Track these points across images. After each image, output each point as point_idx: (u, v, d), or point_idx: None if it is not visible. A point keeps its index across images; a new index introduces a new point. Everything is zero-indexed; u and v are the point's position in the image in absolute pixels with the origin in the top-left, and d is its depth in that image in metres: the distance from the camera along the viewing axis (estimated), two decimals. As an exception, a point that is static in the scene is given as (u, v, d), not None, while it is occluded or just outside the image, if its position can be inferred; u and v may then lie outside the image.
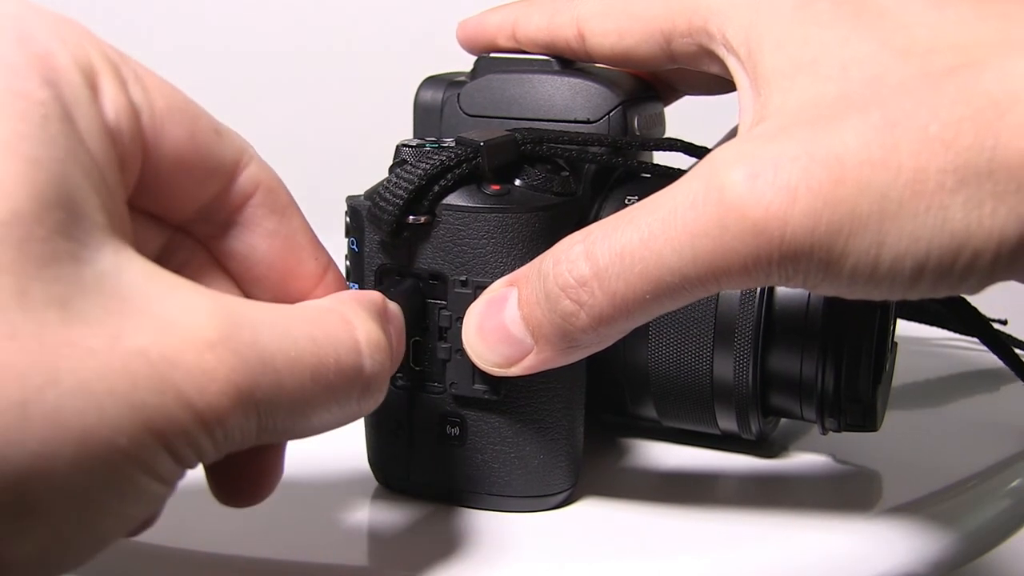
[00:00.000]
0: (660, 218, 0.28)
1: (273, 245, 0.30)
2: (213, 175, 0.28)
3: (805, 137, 0.26)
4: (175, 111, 0.26)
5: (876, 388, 0.37)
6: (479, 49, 0.41)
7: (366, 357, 0.27)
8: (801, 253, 0.26)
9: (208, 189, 0.29)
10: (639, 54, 0.36)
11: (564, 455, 0.37)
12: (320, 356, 0.25)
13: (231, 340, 0.23)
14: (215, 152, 0.28)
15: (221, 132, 0.28)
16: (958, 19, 0.27)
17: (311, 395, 0.25)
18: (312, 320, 0.26)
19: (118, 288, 0.22)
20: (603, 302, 0.29)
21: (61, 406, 0.20)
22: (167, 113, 0.26)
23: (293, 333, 0.25)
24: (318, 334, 0.26)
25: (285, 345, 0.24)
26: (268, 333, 0.24)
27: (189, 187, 0.28)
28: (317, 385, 0.25)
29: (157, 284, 0.23)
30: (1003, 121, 0.24)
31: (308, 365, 0.25)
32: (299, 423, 0.25)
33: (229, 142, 0.29)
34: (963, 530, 0.37)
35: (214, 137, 0.28)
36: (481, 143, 0.34)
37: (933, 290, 0.26)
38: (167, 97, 0.26)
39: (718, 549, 0.35)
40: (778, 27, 0.30)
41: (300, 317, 0.26)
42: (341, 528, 0.36)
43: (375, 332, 0.27)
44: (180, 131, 0.27)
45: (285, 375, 0.24)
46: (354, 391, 0.27)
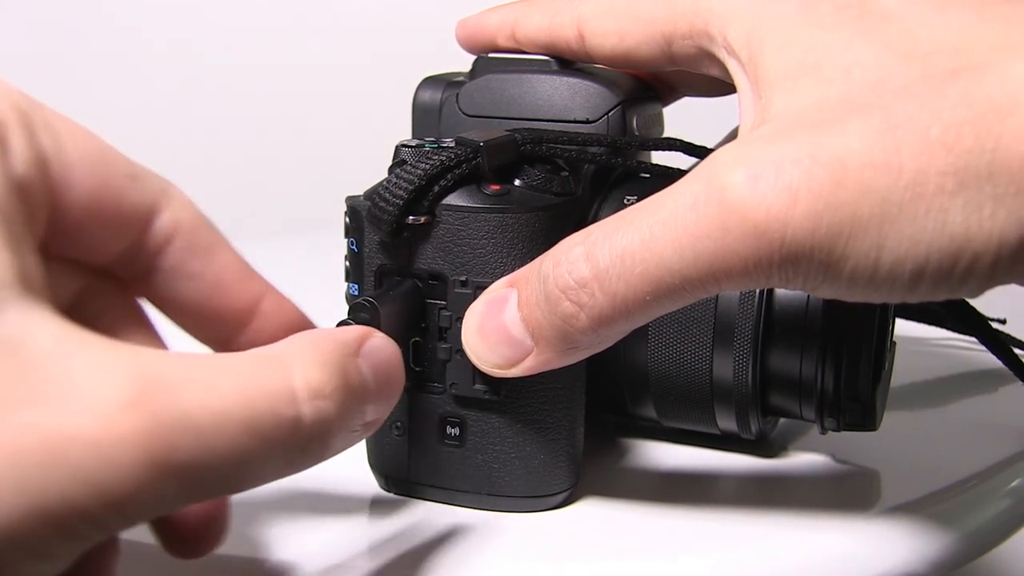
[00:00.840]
0: (661, 219, 0.28)
1: (198, 287, 0.29)
2: (128, 221, 0.28)
3: (807, 139, 0.26)
4: (86, 159, 0.26)
5: (875, 387, 0.37)
6: (478, 49, 0.41)
7: (304, 405, 0.24)
8: (801, 255, 0.26)
9: (124, 235, 0.28)
10: (639, 55, 0.36)
11: (564, 455, 0.37)
12: (252, 409, 0.23)
13: (144, 402, 0.21)
14: (130, 198, 0.27)
15: (137, 177, 0.28)
16: (960, 22, 0.27)
17: (245, 451, 0.23)
18: (245, 370, 0.24)
19: (21, 352, 0.21)
20: (603, 303, 0.29)
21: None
22: (78, 162, 0.26)
23: (220, 386, 0.23)
24: (251, 385, 0.24)
25: (210, 400, 0.23)
26: (190, 390, 0.22)
27: (104, 234, 0.27)
28: (252, 440, 0.23)
29: (65, 345, 0.22)
30: (1004, 124, 0.24)
31: (238, 421, 0.23)
32: (235, 480, 0.24)
33: (145, 187, 0.28)
34: (963, 530, 0.37)
35: (128, 183, 0.27)
36: (481, 143, 0.34)
37: (933, 293, 0.26)
38: (79, 145, 0.26)
39: (718, 549, 0.35)
40: (780, 30, 0.30)
41: (231, 368, 0.24)
42: (341, 528, 0.36)
43: (317, 375, 0.25)
44: (91, 179, 0.26)
45: (210, 433, 0.22)
46: (292, 442, 0.24)
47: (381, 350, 0.28)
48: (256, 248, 0.35)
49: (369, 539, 0.35)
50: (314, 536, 0.35)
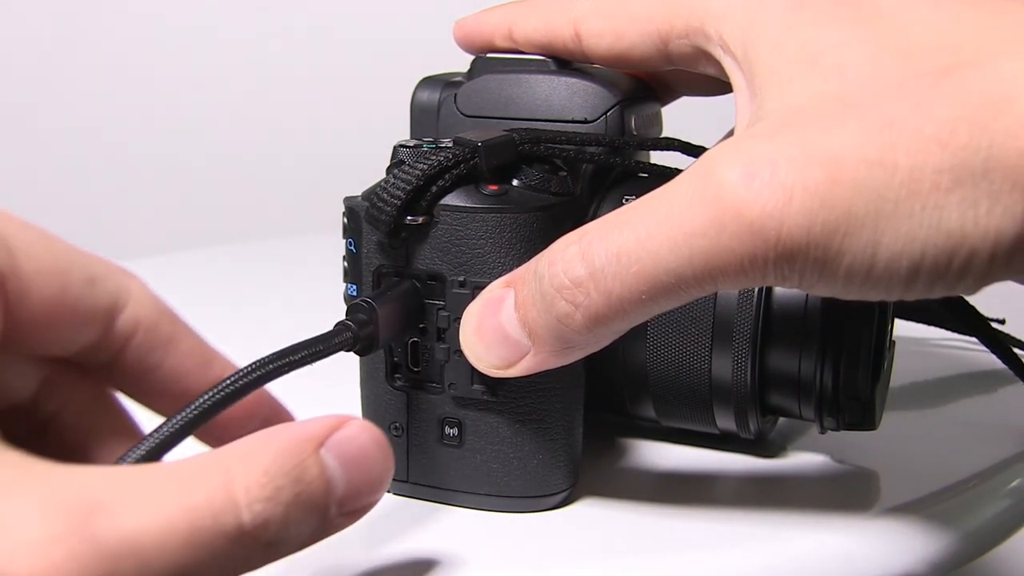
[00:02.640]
0: (657, 218, 0.28)
1: (160, 376, 0.30)
2: (86, 324, 0.28)
3: (802, 137, 0.26)
4: (43, 271, 0.26)
5: (874, 386, 0.37)
6: (476, 49, 0.41)
7: (243, 509, 0.24)
8: (797, 253, 0.26)
9: (82, 337, 0.28)
10: (636, 55, 0.36)
11: (563, 455, 0.37)
12: (194, 522, 0.23)
13: (80, 533, 0.21)
14: (87, 303, 0.28)
15: (95, 280, 0.28)
16: (956, 18, 0.27)
17: (190, 564, 0.23)
18: (185, 483, 0.23)
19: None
20: (599, 303, 0.29)
21: None
22: (34, 275, 0.26)
23: (163, 503, 0.23)
24: (192, 497, 0.23)
25: (149, 519, 0.22)
26: (128, 510, 0.22)
27: (62, 337, 0.28)
28: (196, 552, 0.23)
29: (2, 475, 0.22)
30: (998, 121, 0.24)
31: (181, 536, 0.22)
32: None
33: (104, 288, 0.28)
34: (963, 530, 0.37)
35: (86, 289, 0.28)
36: (479, 143, 0.34)
37: (929, 290, 0.26)
38: (35, 258, 0.26)
39: (717, 549, 0.35)
40: (775, 28, 0.30)
41: (171, 481, 0.23)
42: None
43: (259, 478, 0.24)
44: (49, 290, 0.26)
45: (152, 552, 0.22)
46: (236, 548, 0.24)
47: (351, 440, 0.27)
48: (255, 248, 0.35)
49: (367, 539, 0.35)
50: (313, 536, 0.35)
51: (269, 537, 0.24)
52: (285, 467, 0.25)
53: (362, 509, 0.27)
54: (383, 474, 0.27)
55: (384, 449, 0.27)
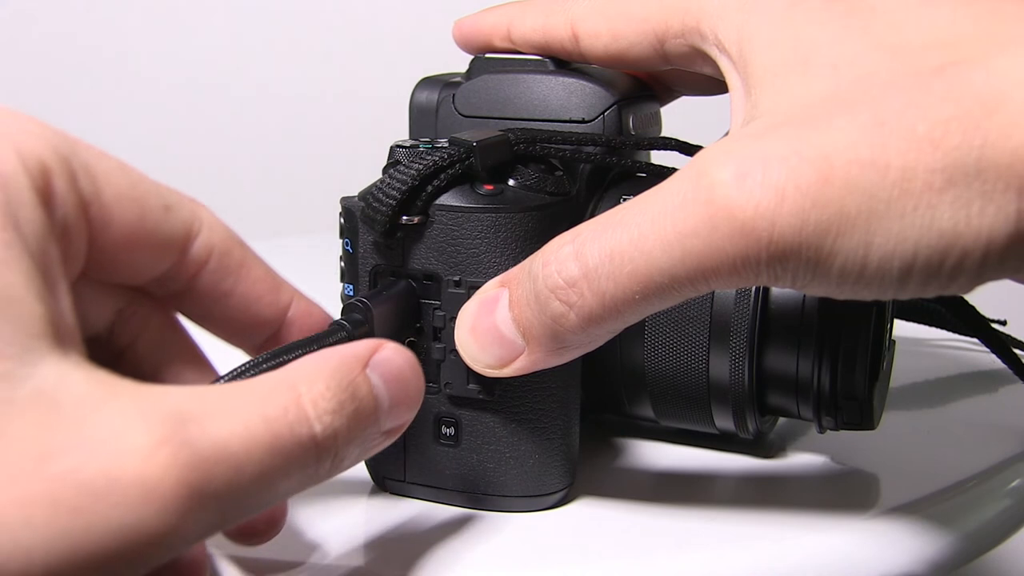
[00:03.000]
0: (650, 218, 0.28)
1: (231, 303, 0.31)
2: (164, 251, 0.29)
3: (794, 136, 0.26)
4: (123, 197, 0.27)
5: (873, 386, 0.37)
6: (475, 49, 0.41)
7: (314, 421, 0.26)
8: (789, 253, 0.26)
9: (160, 263, 0.29)
10: (633, 55, 0.36)
11: (560, 455, 0.37)
12: (274, 431, 0.24)
13: (178, 439, 0.22)
14: (164, 229, 0.28)
15: (171, 207, 0.29)
16: (949, 17, 0.27)
17: (271, 472, 0.24)
18: (263, 395, 0.25)
19: (55, 404, 0.22)
20: (592, 303, 0.29)
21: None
22: (115, 201, 0.26)
23: (244, 414, 0.24)
24: (268, 409, 0.25)
25: (238, 429, 0.24)
26: (219, 421, 0.24)
27: (140, 263, 0.29)
28: (276, 459, 0.24)
29: (97, 393, 0.23)
30: (991, 120, 0.24)
31: (263, 444, 0.24)
32: (264, 500, 0.25)
33: (179, 215, 0.29)
34: (963, 530, 0.37)
35: (163, 214, 0.28)
36: (474, 143, 0.34)
37: (922, 290, 0.26)
38: (115, 184, 0.27)
39: (715, 549, 0.35)
40: (769, 27, 0.30)
41: (250, 394, 0.25)
42: (338, 529, 0.36)
43: (324, 392, 0.26)
44: (128, 216, 0.27)
45: (243, 459, 0.24)
46: (310, 457, 0.26)
47: (390, 360, 0.29)
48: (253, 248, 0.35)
49: (365, 539, 0.35)
50: (310, 536, 0.35)
51: (336, 449, 0.26)
52: (342, 383, 0.27)
53: (399, 428, 0.29)
54: (417, 393, 0.29)
55: (417, 370, 0.29)
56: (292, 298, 0.33)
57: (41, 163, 0.24)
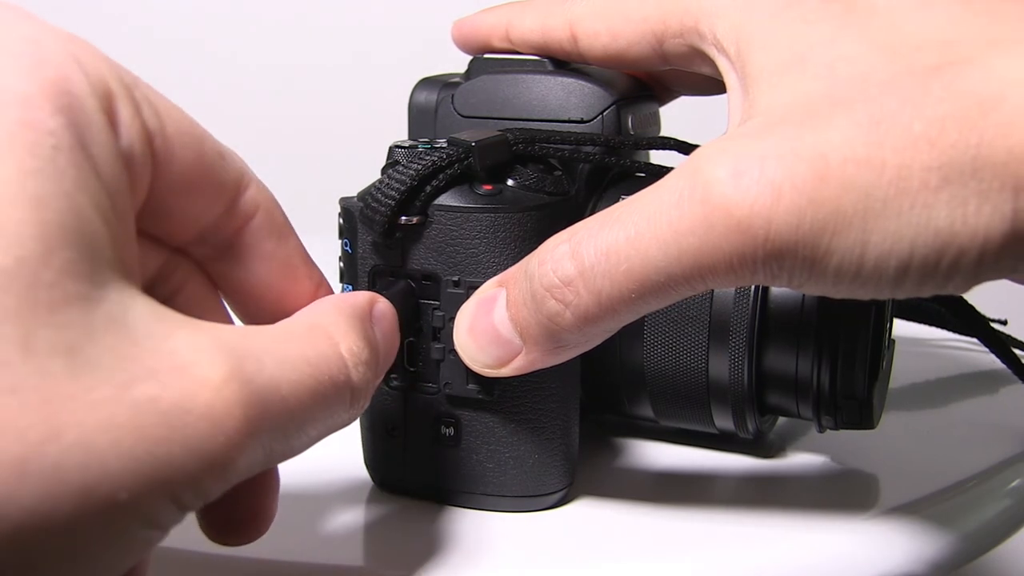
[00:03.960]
0: (646, 216, 0.28)
1: (270, 267, 0.31)
2: (217, 197, 0.29)
3: (790, 135, 0.26)
4: (184, 134, 0.27)
5: (872, 385, 0.37)
6: (473, 49, 0.41)
7: (352, 369, 0.27)
8: (786, 251, 0.26)
9: (211, 211, 0.29)
10: (631, 55, 0.36)
11: (559, 455, 0.37)
12: (316, 376, 0.26)
13: (240, 376, 0.23)
14: (219, 174, 0.28)
15: (224, 155, 0.28)
16: (946, 17, 0.27)
17: (311, 413, 0.26)
18: (303, 340, 0.26)
19: (128, 330, 0.22)
20: (588, 301, 0.29)
21: (61, 462, 0.20)
22: (176, 136, 0.26)
23: (291, 357, 0.25)
24: (310, 354, 0.26)
25: (287, 371, 0.25)
26: (271, 362, 0.24)
27: (193, 209, 0.28)
28: (316, 403, 0.26)
29: (163, 324, 0.23)
30: (987, 119, 0.24)
31: (308, 387, 0.25)
32: (300, 441, 0.26)
33: (232, 165, 0.29)
34: (963, 530, 0.37)
35: (219, 160, 0.28)
36: (473, 143, 0.34)
37: (919, 289, 0.26)
38: (176, 120, 0.26)
39: (715, 550, 0.35)
40: (767, 26, 0.30)
41: (292, 339, 0.26)
42: (337, 529, 0.36)
43: (357, 343, 0.28)
44: (188, 153, 0.27)
45: (291, 400, 0.25)
46: (344, 403, 0.27)
47: (386, 315, 0.31)
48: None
49: (365, 539, 0.35)
50: (310, 536, 0.35)
51: (364, 393, 0.28)
52: (367, 335, 0.29)
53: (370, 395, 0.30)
54: (396, 349, 0.31)
55: (397, 325, 0.31)
56: (322, 277, 0.32)
57: (107, 87, 0.24)
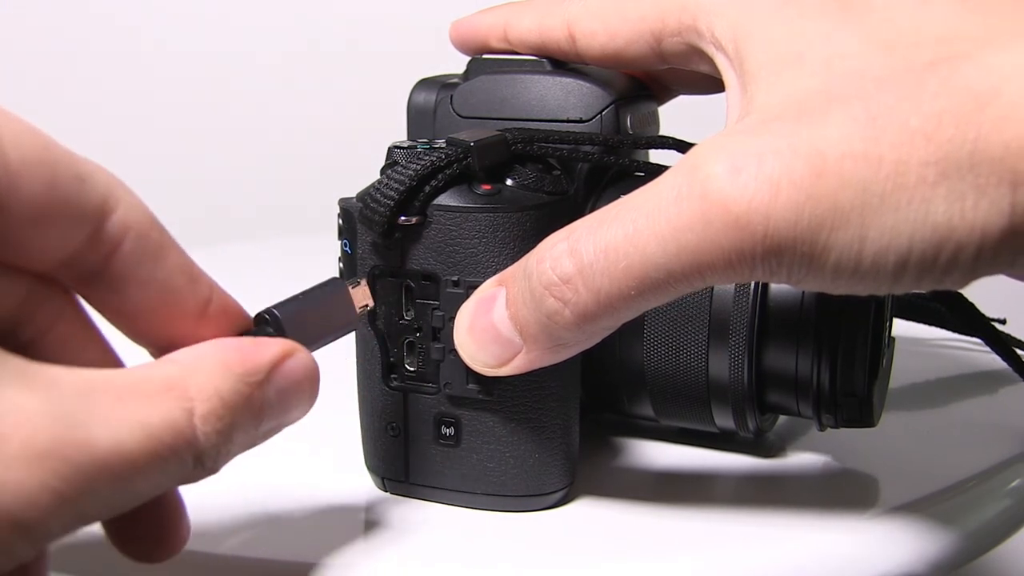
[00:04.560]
0: (644, 213, 0.28)
1: (147, 292, 0.28)
2: (75, 225, 0.26)
3: (787, 131, 0.26)
4: (31, 163, 0.25)
5: (872, 382, 0.37)
6: (471, 50, 0.41)
7: (200, 433, 0.26)
8: (784, 247, 0.26)
9: (71, 240, 0.26)
10: (629, 54, 0.36)
11: (560, 454, 0.37)
12: (153, 444, 0.24)
13: (62, 451, 0.22)
14: (77, 201, 0.26)
15: (84, 177, 0.26)
16: (943, 13, 0.27)
17: (149, 475, 0.25)
18: (150, 401, 0.25)
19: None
20: (587, 299, 0.29)
21: None
22: (22, 166, 0.24)
23: (128, 422, 0.24)
24: (153, 419, 0.25)
25: (121, 436, 0.24)
26: (103, 429, 0.23)
27: (49, 239, 0.26)
28: (149, 467, 0.24)
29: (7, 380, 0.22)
30: (984, 114, 0.24)
31: (141, 453, 0.24)
32: (137, 499, 0.25)
33: (94, 188, 0.26)
34: (963, 530, 0.37)
35: (76, 184, 0.26)
36: (472, 143, 0.34)
37: (917, 284, 0.26)
38: (22, 147, 0.24)
39: (716, 549, 0.35)
40: (764, 23, 0.30)
41: (138, 398, 0.25)
42: (338, 529, 0.36)
43: (216, 409, 0.26)
44: (36, 184, 0.25)
45: (118, 468, 0.24)
46: (187, 465, 0.26)
47: (292, 372, 0.29)
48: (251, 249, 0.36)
49: (366, 540, 0.35)
50: (311, 537, 0.35)
51: (214, 454, 0.26)
52: (238, 395, 0.27)
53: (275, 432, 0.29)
54: (304, 406, 0.29)
55: (314, 385, 0.29)
56: (211, 292, 0.30)
57: None
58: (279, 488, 0.38)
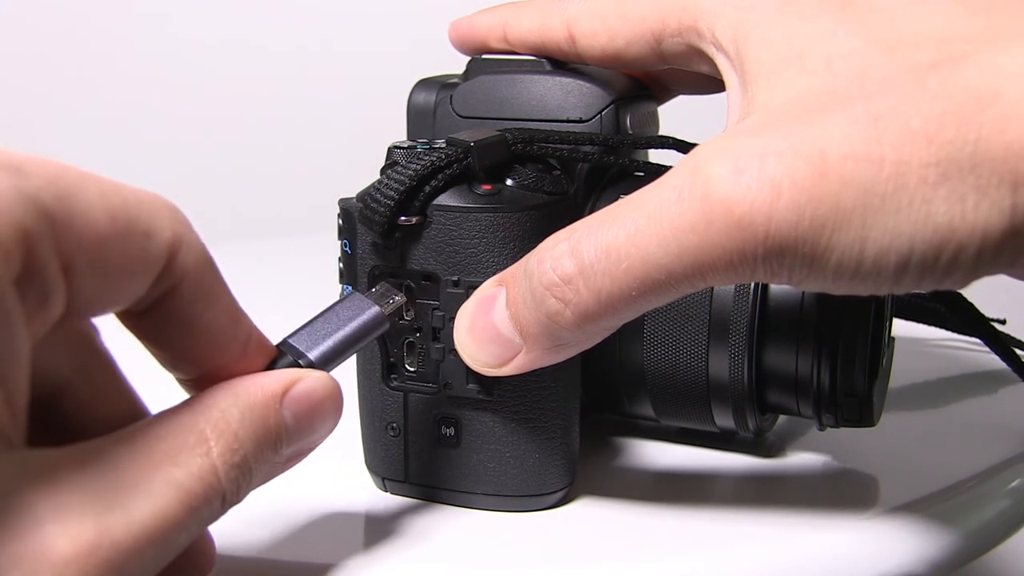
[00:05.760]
0: (646, 214, 0.28)
1: (194, 331, 0.28)
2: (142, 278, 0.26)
3: (789, 131, 0.26)
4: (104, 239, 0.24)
5: (872, 383, 0.37)
6: (470, 50, 0.41)
7: (224, 481, 0.26)
8: (786, 248, 0.26)
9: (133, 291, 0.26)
10: (630, 55, 0.36)
11: (560, 454, 0.37)
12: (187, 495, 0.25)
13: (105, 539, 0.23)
14: (144, 260, 0.26)
15: (151, 234, 0.26)
16: (944, 13, 0.27)
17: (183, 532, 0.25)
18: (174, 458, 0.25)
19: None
20: (588, 299, 0.29)
21: None
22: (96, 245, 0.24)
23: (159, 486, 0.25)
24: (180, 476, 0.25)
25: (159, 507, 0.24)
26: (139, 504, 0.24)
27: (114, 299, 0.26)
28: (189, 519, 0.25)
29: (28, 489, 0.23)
30: (984, 115, 0.24)
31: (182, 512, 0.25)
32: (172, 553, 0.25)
33: (159, 241, 0.26)
34: (963, 530, 0.37)
35: (144, 243, 0.26)
36: (472, 143, 0.34)
37: (918, 284, 0.26)
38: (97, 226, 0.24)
39: (716, 549, 0.35)
40: (765, 23, 0.30)
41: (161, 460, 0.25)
42: (338, 529, 0.36)
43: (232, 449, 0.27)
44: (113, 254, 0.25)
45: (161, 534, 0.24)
46: (216, 508, 0.26)
47: (309, 395, 0.29)
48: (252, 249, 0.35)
49: (366, 540, 0.35)
50: (312, 537, 0.35)
51: (235, 493, 0.27)
52: (253, 429, 0.27)
53: (302, 455, 0.30)
54: (325, 427, 0.30)
55: (335, 401, 0.30)
56: (251, 331, 0.30)
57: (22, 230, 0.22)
58: (279, 488, 0.38)
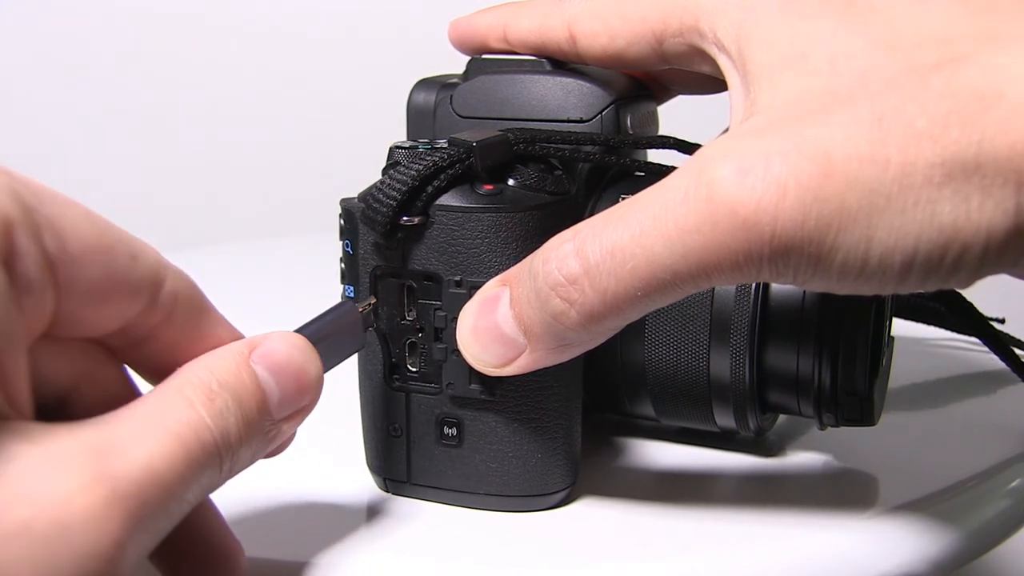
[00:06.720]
0: (651, 215, 0.28)
1: (188, 350, 0.30)
2: (131, 301, 0.28)
3: (794, 132, 0.26)
4: (89, 250, 0.26)
5: (873, 382, 0.37)
6: (470, 50, 0.41)
7: (213, 427, 0.27)
8: (791, 248, 0.26)
9: (128, 311, 0.28)
10: (631, 55, 0.36)
11: (562, 454, 0.37)
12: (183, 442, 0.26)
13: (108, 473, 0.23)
14: (131, 280, 0.27)
15: (137, 255, 0.27)
16: (946, 13, 0.27)
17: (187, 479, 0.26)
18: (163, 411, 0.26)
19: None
20: (593, 300, 0.29)
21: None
22: (81, 254, 0.25)
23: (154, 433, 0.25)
24: (171, 423, 0.26)
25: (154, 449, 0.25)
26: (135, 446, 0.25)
27: (108, 312, 0.27)
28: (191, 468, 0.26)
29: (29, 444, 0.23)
30: (988, 115, 0.24)
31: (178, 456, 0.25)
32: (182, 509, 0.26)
33: (145, 264, 0.28)
34: (963, 530, 0.37)
35: (130, 264, 0.27)
36: (474, 143, 0.34)
37: (922, 284, 0.26)
38: (81, 237, 0.26)
39: (717, 549, 0.35)
40: (767, 24, 0.30)
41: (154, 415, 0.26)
42: (340, 530, 0.36)
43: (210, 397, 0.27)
44: (95, 269, 0.26)
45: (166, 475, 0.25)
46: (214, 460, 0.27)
47: (275, 351, 0.30)
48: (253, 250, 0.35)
49: (368, 540, 0.35)
50: (313, 538, 0.35)
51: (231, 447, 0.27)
52: (229, 383, 0.28)
53: (299, 413, 0.30)
54: (310, 378, 0.30)
55: (308, 355, 0.30)
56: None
57: (4, 218, 0.23)
58: (281, 488, 0.38)
